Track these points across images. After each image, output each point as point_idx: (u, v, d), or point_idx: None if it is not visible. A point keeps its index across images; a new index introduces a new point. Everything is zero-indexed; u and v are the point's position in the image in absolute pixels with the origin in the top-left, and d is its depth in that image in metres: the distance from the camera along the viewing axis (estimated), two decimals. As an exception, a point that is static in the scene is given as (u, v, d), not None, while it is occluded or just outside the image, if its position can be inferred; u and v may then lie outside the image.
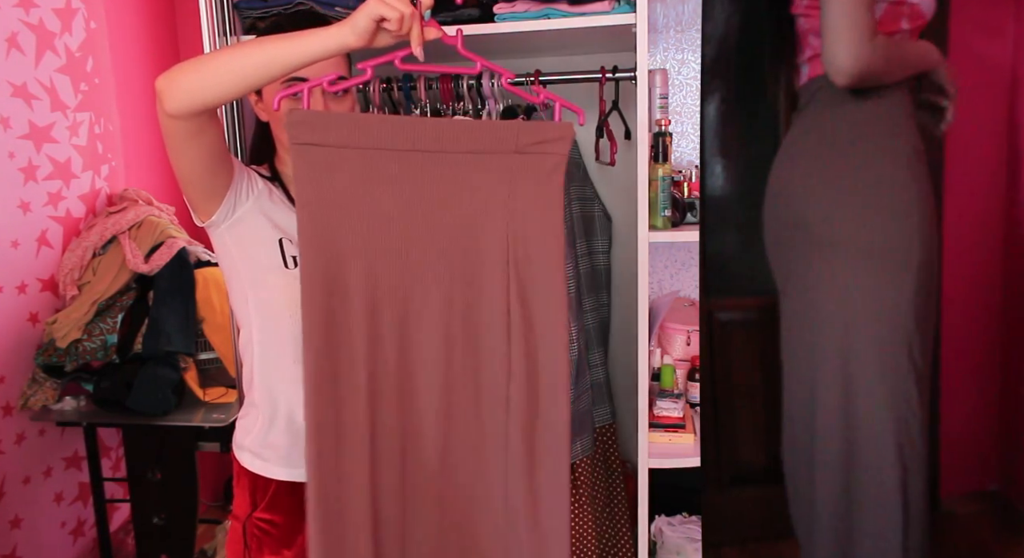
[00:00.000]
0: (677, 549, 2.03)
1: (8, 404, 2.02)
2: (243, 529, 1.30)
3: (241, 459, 1.30)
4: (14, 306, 2.02)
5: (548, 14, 1.64)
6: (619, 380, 2.09)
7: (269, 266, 1.23)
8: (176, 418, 2.03)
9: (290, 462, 1.27)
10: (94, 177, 2.24)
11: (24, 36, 2.00)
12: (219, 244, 1.25)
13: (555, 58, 1.97)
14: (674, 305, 2.15)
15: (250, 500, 1.30)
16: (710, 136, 2.21)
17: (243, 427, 1.31)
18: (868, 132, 1.53)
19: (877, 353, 1.52)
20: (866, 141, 1.53)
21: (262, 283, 1.24)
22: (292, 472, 1.27)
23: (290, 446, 1.27)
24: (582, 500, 1.76)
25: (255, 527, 1.29)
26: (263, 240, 1.23)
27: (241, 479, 1.31)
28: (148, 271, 2.06)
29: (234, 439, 1.33)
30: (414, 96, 1.81)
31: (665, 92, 1.93)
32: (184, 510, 2.10)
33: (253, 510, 1.29)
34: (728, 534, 2.28)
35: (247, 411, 1.31)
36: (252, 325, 1.26)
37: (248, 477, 1.30)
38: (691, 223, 1.86)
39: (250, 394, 1.31)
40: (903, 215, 1.50)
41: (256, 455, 1.28)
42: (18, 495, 2.04)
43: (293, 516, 1.28)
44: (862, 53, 1.37)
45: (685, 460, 1.79)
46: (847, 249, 1.53)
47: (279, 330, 1.24)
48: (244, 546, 1.30)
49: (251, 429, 1.29)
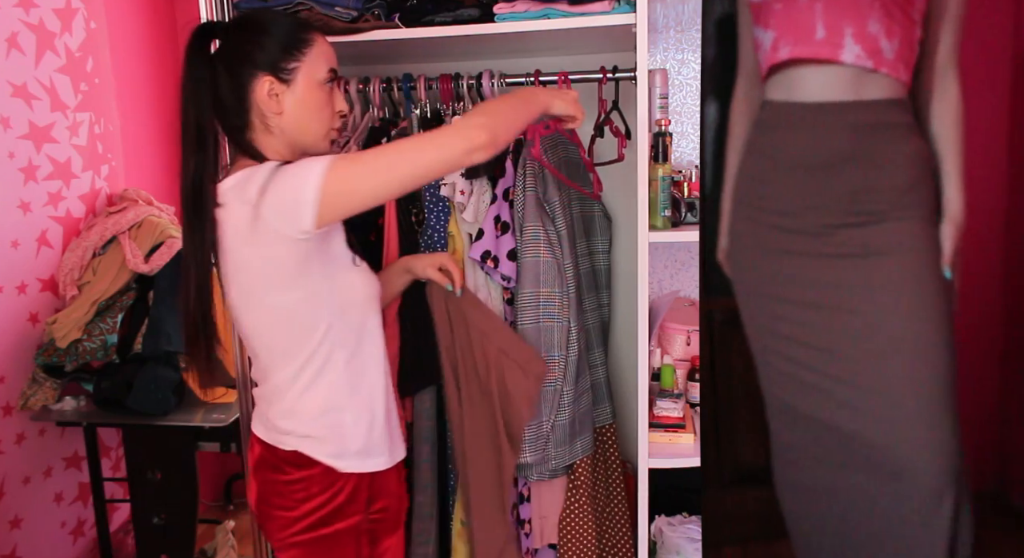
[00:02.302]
0: (677, 549, 2.03)
1: (8, 404, 2.02)
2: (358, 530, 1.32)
3: (348, 468, 1.28)
4: (14, 306, 2.02)
5: (548, 14, 1.64)
6: (619, 380, 2.09)
7: (345, 266, 1.27)
8: (176, 418, 2.03)
9: (392, 448, 1.36)
10: (94, 177, 2.24)
11: (24, 36, 2.00)
12: (296, 252, 1.19)
13: (555, 58, 1.97)
14: (674, 305, 2.15)
15: (364, 501, 1.32)
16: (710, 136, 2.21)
17: (334, 438, 1.28)
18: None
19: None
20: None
21: (347, 284, 1.27)
22: (392, 457, 1.36)
23: (387, 433, 1.34)
24: (582, 500, 1.76)
25: (369, 523, 1.35)
26: (340, 240, 1.28)
27: (348, 488, 1.29)
28: (148, 271, 2.06)
29: (329, 453, 1.27)
30: (414, 96, 1.81)
31: (665, 92, 1.93)
32: (184, 510, 2.10)
33: (369, 507, 1.34)
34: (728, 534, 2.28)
35: (333, 420, 1.28)
36: (331, 330, 1.24)
37: (354, 483, 1.29)
38: (691, 223, 1.86)
39: (331, 401, 1.27)
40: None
41: (365, 456, 1.31)
42: (18, 495, 2.04)
43: (399, 493, 1.42)
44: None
45: (685, 460, 1.79)
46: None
47: (365, 325, 1.30)
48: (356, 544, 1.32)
49: (352, 434, 1.28)
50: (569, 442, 1.72)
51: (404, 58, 2.00)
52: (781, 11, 1.59)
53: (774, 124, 1.69)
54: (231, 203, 1.19)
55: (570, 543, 1.75)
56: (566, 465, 1.74)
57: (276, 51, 1.22)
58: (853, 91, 1.56)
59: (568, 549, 1.75)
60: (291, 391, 1.27)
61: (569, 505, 1.76)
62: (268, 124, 1.24)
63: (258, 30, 1.24)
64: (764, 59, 1.64)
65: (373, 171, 1.15)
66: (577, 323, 1.70)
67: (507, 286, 1.70)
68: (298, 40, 1.24)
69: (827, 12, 1.55)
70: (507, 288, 1.72)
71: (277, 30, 1.24)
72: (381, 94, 1.82)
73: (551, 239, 1.67)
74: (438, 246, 1.75)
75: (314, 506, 1.27)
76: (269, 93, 1.22)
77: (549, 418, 1.67)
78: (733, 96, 1.79)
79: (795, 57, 1.57)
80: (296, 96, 1.23)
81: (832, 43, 1.55)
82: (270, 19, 1.26)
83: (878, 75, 1.54)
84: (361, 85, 1.82)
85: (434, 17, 1.72)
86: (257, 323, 1.27)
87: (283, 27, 1.25)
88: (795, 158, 1.63)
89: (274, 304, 1.22)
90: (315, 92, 1.25)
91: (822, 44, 1.56)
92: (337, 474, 1.27)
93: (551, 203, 1.69)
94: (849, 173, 1.59)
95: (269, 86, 1.22)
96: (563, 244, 1.69)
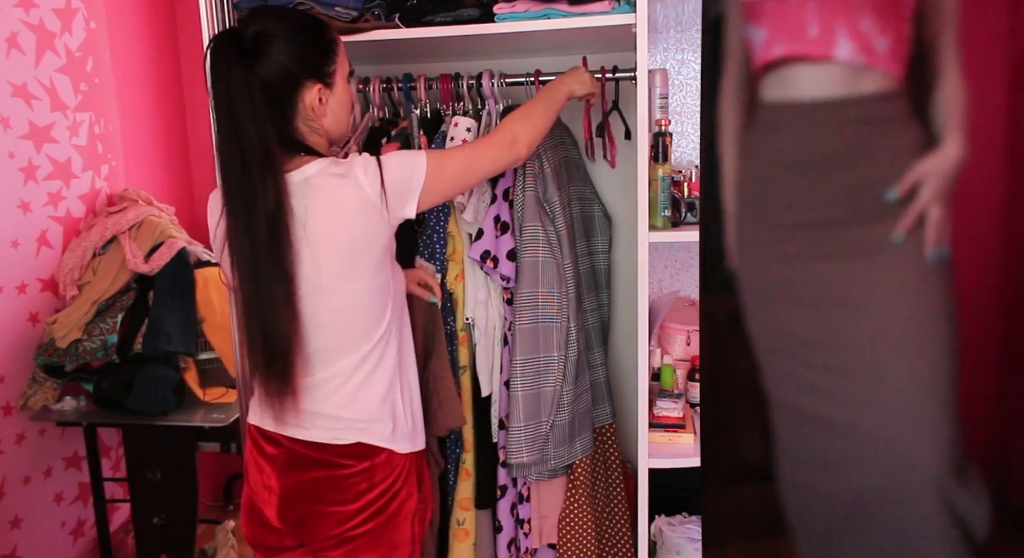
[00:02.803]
0: (677, 549, 2.03)
1: (8, 404, 2.02)
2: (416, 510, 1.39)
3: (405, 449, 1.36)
4: (14, 306, 2.02)
5: (548, 14, 1.64)
6: (619, 380, 2.09)
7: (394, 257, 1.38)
8: (176, 418, 2.03)
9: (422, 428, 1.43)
10: (94, 177, 2.24)
11: (24, 36, 2.00)
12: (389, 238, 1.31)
13: (555, 58, 1.96)
14: (674, 305, 2.15)
15: (416, 481, 1.40)
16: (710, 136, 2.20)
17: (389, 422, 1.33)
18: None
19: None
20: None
21: (398, 272, 1.40)
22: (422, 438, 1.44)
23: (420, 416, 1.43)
24: (582, 500, 1.76)
25: (422, 503, 1.43)
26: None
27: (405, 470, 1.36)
28: (148, 271, 2.06)
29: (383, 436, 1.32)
30: (414, 96, 1.81)
31: (665, 92, 1.93)
32: (184, 510, 2.10)
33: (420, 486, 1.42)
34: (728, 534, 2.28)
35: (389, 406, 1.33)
36: (392, 316, 1.34)
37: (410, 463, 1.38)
38: (691, 223, 1.86)
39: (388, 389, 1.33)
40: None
41: (414, 436, 1.39)
42: (18, 495, 2.04)
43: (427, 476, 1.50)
44: None
45: (685, 460, 1.79)
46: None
47: (405, 311, 1.41)
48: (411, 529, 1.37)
49: (404, 416, 1.36)
50: (569, 442, 1.72)
51: (404, 58, 2.00)
52: (773, 9, 1.61)
53: (771, 125, 1.70)
54: (322, 186, 1.22)
55: (569, 543, 1.75)
56: (565, 465, 1.74)
57: (319, 58, 1.26)
58: (848, 87, 1.58)
59: (568, 549, 1.75)
60: (355, 377, 1.29)
61: (569, 505, 1.76)
62: (312, 126, 1.28)
63: (301, 37, 1.23)
64: (757, 57, 1.65)
65: (455, 173, 1.33)
66: (576, 323, 1.70)
67: (506, 286, 1.71)
68: (331, 42, 1.29)
69: (819, 10, 1.57)
70: (506, 288, 1.72)
71: (319, 34, 1.27)
72: (381, 94, 1.82)
73: (551, 239, 1.67)
74: (437, 246, 1.75)
75: (377, 494, 1.31)
76: (320, 100, 1.26)
77: (548, 418, 1.67)
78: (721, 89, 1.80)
79: (788, 55, 1.59)
80: (336, 97, 1.30)
81: (825, 41, 1.57)
82: (308, 22, 1.28)
83: (872, 71, 1.56)
84: (361, 85, 1.82)
85: (434, 17, 1.72)
86: (336, 308, 1.26)
87: (322, 30, 1.28)
88: (794, 157, 1.65)
89: (357, 289, 1.27)
90: (347, 89, 1.33)
91: (815, 42, 1.58)
92: (397, 458, 1.34)
93: (551, 203, 1.69)
94: (849, 169, 1.61)
95: (319, 93, 1.26)
96: (563, 244, 1.69)
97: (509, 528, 1.78)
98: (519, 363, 1.66)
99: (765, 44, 1.63)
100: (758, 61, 1.64)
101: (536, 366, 1.66)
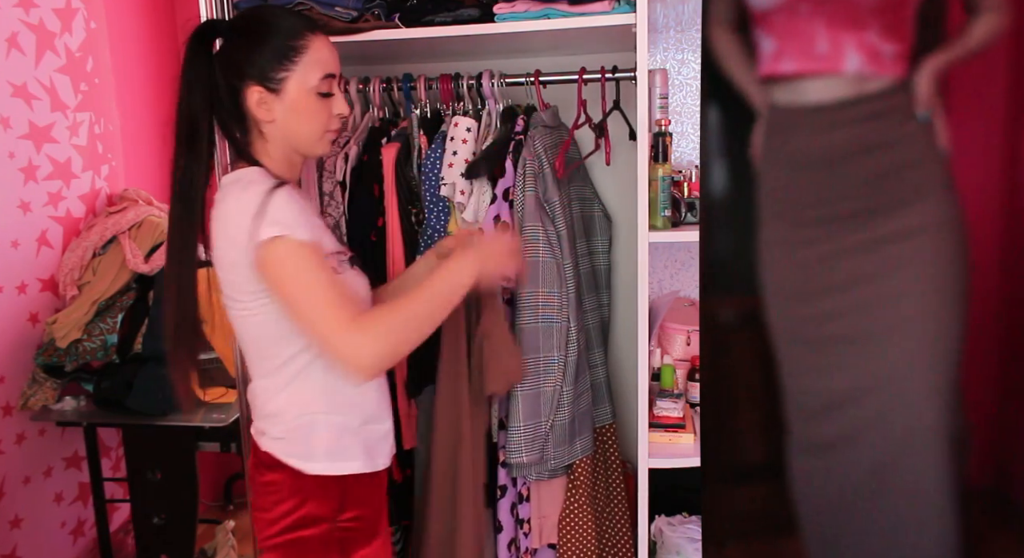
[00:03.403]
0: (677, 549, 2.03)
1: (8, 404, 2.02)
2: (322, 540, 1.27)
3: (313, 471, 1.26)
4: (14, 306, 2.02)
5: (548, 14, 1.64)
6: (619, 380, 2.09)
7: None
8: (176, 418, 2.03)
9: (368, 453, 1.31)
10: (94, 177, 2.24)
11: (24, 36, 2.00)
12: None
13: (555, 58, 1.96)
14: (674, 305, 2.15)
15: (332, 507, 1.28)
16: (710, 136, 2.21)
17: (302, 440, 1.27)
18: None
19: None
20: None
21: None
22: (369, 464, 1.31)
23: (364, 440, 1.31)
24: (582, 500, 1.76)
25: (341, 531, 1.29)
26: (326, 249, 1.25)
27: (315, 493, 1.27)
28: (148, 271, 2.06)
29: (294, 454, 1.26)
30: (414, 96, 1.81)
31: (665, 92, 1.93)
32: (184, 510, 2.10)
33: (337, 514, 1.28)
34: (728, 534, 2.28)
35: (305, 423, 1.27)
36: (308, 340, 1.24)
37: (324, 486, 1.27)
38: (691, 223, 1.86)
39: (306, 406, 1.26)
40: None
41: (334, 459, 1.27)
42: (18, 495, 2.04)
43: (374, 504, 1.35)
44: None
45: (685, 460, 1.79)
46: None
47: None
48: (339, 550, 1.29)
49: (321, 437, 1.26)
50: (569, 442, 1.72)
51: (404, 58, 2.00)
52: (783, 22, 1.68)
53: (783, 128, 1.77)
54: (221, 197, 1.21)
55: (569, 543, 1.75)
56: (565, 465, 1.74)
57: (266, 61, 1.21)
58: (856, 88, 1.66)
59: (567, 549, 1.75)
60: (267, 393, 1.27)
61: (569, 505, 1.76)
62: (262, 130, 1.25)
63: (252, 37, 1.22)
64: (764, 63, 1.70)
65: (289, 288, 1.17)
66: (577, 323, 1.70)
67: (507, 286, 1.71)
68: (289, 48, 1.21)
69: (828, 25, 1.64)
70: (507, 288, 1.72)
71: (272, 37, 1.22)
72: (381, 94, 1.82)
73: (551, 239, 1.67)
74: (438, 246, 1.75)
75: (285, 510, 1.26)
76: (259, 103, 1.22)
77: (548, 418, 1.67)
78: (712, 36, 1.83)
79: (800, 72, 1.67)
80: (286, 104, 1.22)
81: (834, 56, 1.65)
82: (268, 23, 1.23)
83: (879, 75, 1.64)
84: (361, 85, 1.82)
85: (434, 17, 1.72)
86: (237, 326, 1.27)
87: (279, 33, 1.22)
88: (809, 158, 1.74)
89: (245, 305, 1.22)
90: (306, 99, 1.23)
91: (824, 57, 1.67)
92: (305, 478, 1.26)
93: (551, 203, 1.69)
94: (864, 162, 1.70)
95: (258, 96, 1.22)
96: (563, 244, 1.69)
97: (509, 528, 1.78)
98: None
99: (774, 55, 1.70)
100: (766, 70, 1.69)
101: (536, 366, 1.67)
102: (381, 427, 1.35)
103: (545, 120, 1.76)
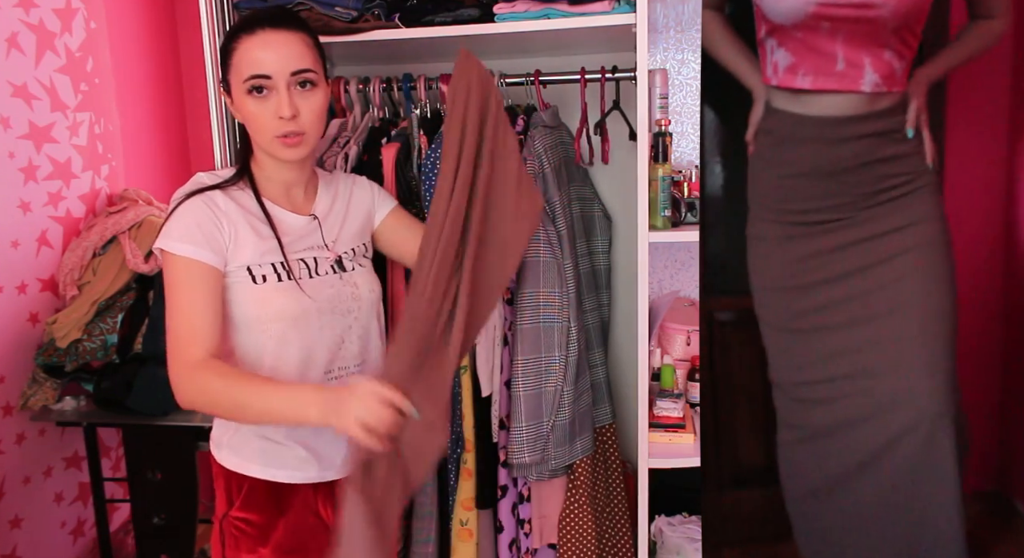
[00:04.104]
0: (677, 549, 2.03)
1: (8, 404, 2.02)
2: (220, 528, 1.31)
3: (219, 457, 1.32)
4: (14, 306, 2.02)
5: (548, 14, 1.64)
6: (619, 380, 2.09)
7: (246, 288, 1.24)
8: (176, 418, 2.03)
9: (265, 461, 1.29)
10: (94, 177, 2.24)
11: (24, 36, 1.99)
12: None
13: (555, 58, 1.96)
14: (674, 305, 2.15)
15: (226, 499, 1.31)
16: (710, 136, 2.21)
17: (221, 425, 1.33)
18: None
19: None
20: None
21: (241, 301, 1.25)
22: (266, 471, 1.29)
23: (265, 446, 1.29)
24: (582, 500, 1.76)
25: (232, 526, 1.30)
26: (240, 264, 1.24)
27: (219, 478, 1.33)
28: (148, 271, 2.06)
29: (212, 438, 1.34)
30: (414, 96, 1.81)
31: (665, 92, 1.93)
32: (184, 510, 2.09)
33: (229, 508, 1.30)
34: (728, 534, 2.28)
35: (223, 421, 1.33)
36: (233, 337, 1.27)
37: (224, 476, 1.31)
38: (691, 223, 1.86)
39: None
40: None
41: (234, 452, 1.30)
42: (18, 495, 2.04)
43: (268, 514, 1.29)
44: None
45: (685, 460, 1.79)
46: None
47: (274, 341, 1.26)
48: (221, 545, 1.31)
49: (229, 426, 1.31)
50: (569, 442, 1.72)
51: (404, 58, 2.00)
52: (801, 39, 1.68)
53: (785, 135, 1.78)
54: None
55: (570, 543, 1.75)
56: (566, 465, 1.74)
57: (221, 63, 1.27)
58: (867, 107, 1.69)
59: (568, 549, 1.75)
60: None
61: (569, 505, 1.76)
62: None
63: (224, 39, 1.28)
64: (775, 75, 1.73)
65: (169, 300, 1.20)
66: (577, 323, 1.70)
67: (507, 286, 1.71)
68: (225, 50, 1.25)
69: (846, 44, 1.64)
70: (507, 288, 1.72)
71: (225, 39, 1.26)
72: (381, 94, 1.82)
73: (551, 239, 1.67)
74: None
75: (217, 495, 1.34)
76: (228, 104, 1.29)
77: (549, 418, 1.67)
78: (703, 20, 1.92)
79: (817, 88, 1.69)
80: (234, 105, 1.27)
81: (852, 75, 1.67)
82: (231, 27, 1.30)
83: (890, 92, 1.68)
84: (361, 85, 1.82)
85: (434, 17, 1.72)
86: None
87: (227, 36, 1.25)
88: (811, 167, 1.76)
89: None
90: (241, 100, 1.24)
91: (842, 76, 1.68)
92: (218, 467, 1.32)
93: (551, 203, 1.68)
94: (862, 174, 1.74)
95: (225, 98, 1.29)
96: (563, 244, 1.69)
97: (510, 528, 1.78)
98: (521, 363, 1.66)
99: (789, 69, 1.70)
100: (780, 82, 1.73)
101: (538, 366, 1.67)
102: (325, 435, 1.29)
103: (545, 120, 1.76)
